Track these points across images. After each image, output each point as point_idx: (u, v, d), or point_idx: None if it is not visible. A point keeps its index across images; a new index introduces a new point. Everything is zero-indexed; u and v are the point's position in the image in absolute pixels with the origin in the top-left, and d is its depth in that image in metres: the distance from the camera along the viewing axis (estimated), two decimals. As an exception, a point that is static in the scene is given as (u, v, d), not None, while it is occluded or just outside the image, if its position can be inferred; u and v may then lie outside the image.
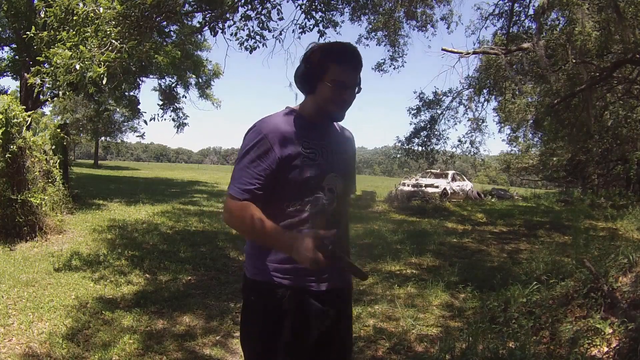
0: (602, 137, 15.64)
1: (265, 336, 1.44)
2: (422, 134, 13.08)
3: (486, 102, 13.14)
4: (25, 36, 5.82)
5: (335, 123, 1.61)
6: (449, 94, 12.82)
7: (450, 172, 18.58)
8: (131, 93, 17.71)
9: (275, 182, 1.42)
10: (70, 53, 4.92)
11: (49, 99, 15.48)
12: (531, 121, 16.60)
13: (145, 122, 57.22)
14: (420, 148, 13.26)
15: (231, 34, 7.22)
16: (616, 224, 9.24)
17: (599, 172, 18.34)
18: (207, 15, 7.19)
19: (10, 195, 5.78)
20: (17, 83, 17.00)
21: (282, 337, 1.42)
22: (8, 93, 19.35)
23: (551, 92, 11.88)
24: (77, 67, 4.94)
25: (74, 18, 5.17)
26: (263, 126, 1.43)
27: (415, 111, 13.04)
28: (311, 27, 7.28)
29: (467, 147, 13.63)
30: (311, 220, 1.44)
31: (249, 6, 6.90)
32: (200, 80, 20.15)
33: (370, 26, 11.44)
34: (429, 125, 12.97)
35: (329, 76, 1.42)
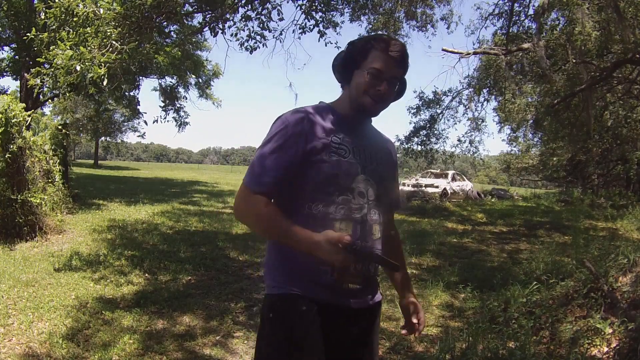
0: (602, 137, 15.64)
1: (284, 356, 1.25)
2: (421, 133, 13.08)
3: (486, 102, 13.15)
4: (25, 37, 5.82)
5: (376, 128, 1.50)
6: (448, 94, 12.83)
7: (450, 172, 18.58)
8: (131, 93, 17.71)
9: (298, 178, 1.29)
10: (71, 53, 4.92)
11: (49, 99, 15.51)
12: (531, 121, 16.61)
13: (145, 122, 57.22)
14: (419, 147, 13.27)
15: (231, 35, 7.23)
16: (616, 224, 9.24)
17: (599, 172, 18.34)
18: (208, 16, 7.19)
19: (10, 195, 5.78)
20: (17, 83, 17.01)
21: (302, 356, 1.25)
22: (8, 93, 19.36)
23: (551, 92, 11.88)
24: (78, 68, 4.94)
25: (74, 19, 5.17)
26: (290, 116, 1.30)
27: (414, 110, 13.05)
28: (311, 27, 7.30)
29: (467, 147, 13.65)
30: (337, 226, 1.28)
31: (249, 6, 6.90)
32: (200, 80, 20.16)
33: (370, 26, 11.44)
34: (428, 125, 12.97)
35: (368, 64, 1.30)
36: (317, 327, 1.26)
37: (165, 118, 16.50)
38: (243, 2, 6.84)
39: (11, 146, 5.76)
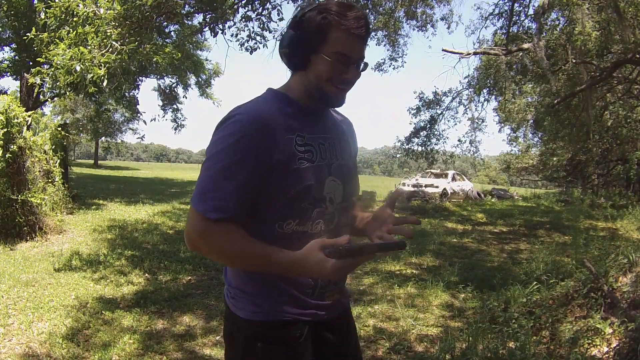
0: (602, 137, 15.65)
1: None
2: (421, 133, 13.10)
3: (486, 102, 13.17)
4: (25, 37, 5.83)
5: (332, 111, 1.27)
6: (448, 94, 12.86)
7: (450, 172, 18.57)
8: (130, 93, 17.72)
9: (263, 195, 1.07)
10: (71, 53, 4.92)
11: (49, 99, 15.52)
12: (531, 121, 16.62)
13: (144, 122, 57.17)
14: (420, 148, 13.28)
15: (231, 35, 7.24)
16: (616, 224, 9.24)
17: (599, 172, 18.33)
18: (208, 16, 7.19)
19: (10, 195, 5.78)
20: (17, 83, 17.02)
21: None
22: (8, 93, 19.35)
23: (551, 92, 11.90)
24: (78, 68, 4.94)
25: (74, 19, 5.18)
26: (244, 118, 1.04)
27: (415, 111, 13.08)
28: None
29: (467, 147, 13.68)
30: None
31: (249, 7, 6.91)
32: (200, 79, 20.17)
33: (370, 26, 11.44)
34: (428, 125, 12.99)
35: (329, 47, 1.06)
36: (310, 352, 1.18)
37: (163, 117, 16.54)
38: (243, 2, 6.84)
39: (12, 146, 5.76)
